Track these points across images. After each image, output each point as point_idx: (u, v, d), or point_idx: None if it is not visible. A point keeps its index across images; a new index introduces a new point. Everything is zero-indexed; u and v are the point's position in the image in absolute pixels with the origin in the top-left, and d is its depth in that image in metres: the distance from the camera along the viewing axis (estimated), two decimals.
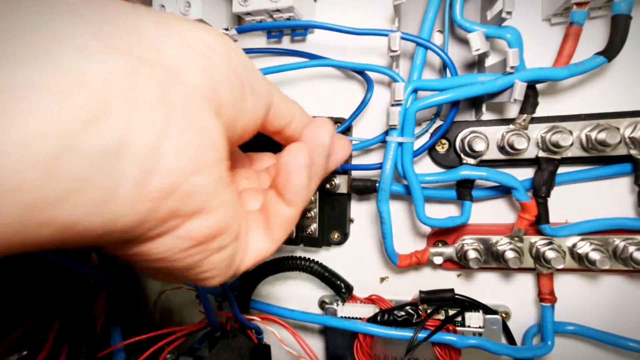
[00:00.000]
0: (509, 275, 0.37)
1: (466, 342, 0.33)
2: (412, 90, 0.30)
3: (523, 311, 0.36)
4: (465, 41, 0.30)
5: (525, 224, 0.32)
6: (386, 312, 0.36)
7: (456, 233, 0.35)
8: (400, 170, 0.32)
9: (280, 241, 0.24)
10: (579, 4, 0.29)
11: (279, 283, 0.43)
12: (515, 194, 0.31)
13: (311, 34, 0.39)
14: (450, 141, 0.35)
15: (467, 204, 0.33)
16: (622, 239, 0.32)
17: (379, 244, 0.39)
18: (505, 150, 0.32)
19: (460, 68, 0.34)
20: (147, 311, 0.47)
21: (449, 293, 0.35)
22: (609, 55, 0.28)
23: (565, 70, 0.29)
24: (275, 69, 0.36)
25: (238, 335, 0.38)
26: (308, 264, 0.37)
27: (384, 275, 0.40)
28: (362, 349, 0.37)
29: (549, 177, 0.31)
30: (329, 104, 0.39)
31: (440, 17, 0.33)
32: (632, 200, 0.33)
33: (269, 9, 0.33)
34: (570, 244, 0.33)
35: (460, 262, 0.34)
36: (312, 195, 0.35)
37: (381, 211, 0.33)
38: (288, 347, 0.37)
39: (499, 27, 0.29)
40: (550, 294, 0.34)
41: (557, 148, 0.30)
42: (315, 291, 0.42)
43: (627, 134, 0.30)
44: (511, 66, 0.28)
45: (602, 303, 0.35)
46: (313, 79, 0.39)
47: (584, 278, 0.35)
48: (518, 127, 0.31)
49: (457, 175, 0.32)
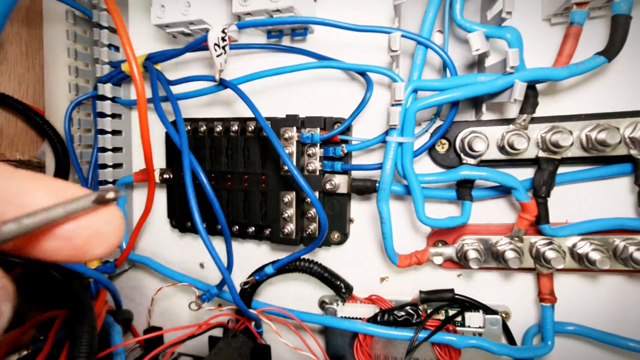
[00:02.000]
0: (509, 275, 0.37)
1: (466, 342, 0.33)
2: (412, 90, 0.30)
3: (523, 311, 0.36)
4: (465, 41, 0.30)
5: (525, 224, 0.32)
6: (386, 312, 0.36)
7: (456, 233, 0.35)
8: (400, 170, 0.32)
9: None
10: (579, 4, 0.29)
11: (279, 283, 0.43)
12: (515, 194, 0.31)
13: (311, 34, 0.39)
14: (450, 141, 0.35)
15: (467, 204, 0.33)
16: (622, 239, 0.32)
17: (379, 244, 0.39)
18: (505, 150, 0.32)
19: (460, 68, 0.34)
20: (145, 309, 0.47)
21: (449, 293, 0.35)
22: (609, 55, 0.28)
23: (565, 70, 0.29)
24: (275, 71, 0.36)
25: (238, 335, 0.38)
26: (308, 265, 0.37)
27: (384, 275, 0.40)
28: (362, 349, 0.37)
29: (549, 177, 0.31)
30: (329, 104, 0.39)
31: (440, 17, 0.33)
32: (632, 200, 0.33)
33: (269, 9, 0.33)
34: (570, 244, 0.33)
35: (460, 262, 0.34)
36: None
37: (381, 211, 0.33)
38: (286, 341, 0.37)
39: (499, 27, 0.29)
40: (550, 294, 0.34)
41: (557, 148, 0.30)
42: (315, 291, 0.42)
43: (627, 134, 0.30)
44: (511, 66, 0.28)
45: (602, 303, 0.35)
46: (313, 79, 0.39)
47: (584, 278, 0.35)
48: (518, 127, 0.31)
49: (457, 175, 0.32)
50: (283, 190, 0.38)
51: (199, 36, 0.39)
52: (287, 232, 0.38)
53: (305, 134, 0.36)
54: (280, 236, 0.38)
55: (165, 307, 0.48)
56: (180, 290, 0.47)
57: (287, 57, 0.39)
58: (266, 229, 0.39)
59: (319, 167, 0.36)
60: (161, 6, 0.36)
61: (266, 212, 0.39)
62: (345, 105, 0.38)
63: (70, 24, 0.43)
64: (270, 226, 0.39)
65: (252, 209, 0.39)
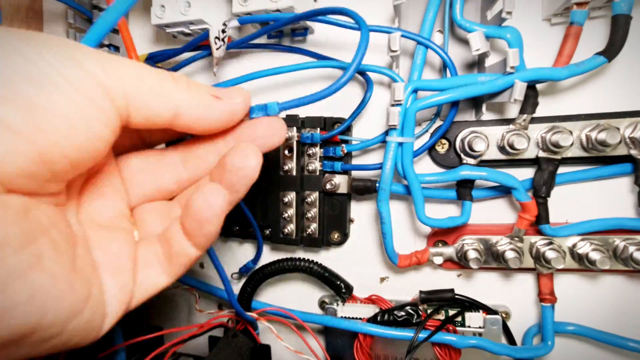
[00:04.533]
0: (509, 275, 0.37)
1: (466, 342, 0.33)
2: (412, 90, 0.30)
3: (523, 311, 0.36)
4: (465, 41, 0.30)
5: (525, 224, 0.32)
6: (386, 312, 0.36)
7: (456, 233, 0.35)
8: (400, 170, 0.32)
9: (178, 277, 0.22)
10: (579, 4, 0.29)
11: (279, 283, 0.43)
12: (515, 194, 0.31)
13: (311, 34, 0.39)
14: (450, 141, 0.35)
15: (467, 204, 0.33)
16: (622, 239, 0.32)
17: (379, 244, 0.39)
18: (506, 150, 0.32)
19: (460, 68, 0.34)
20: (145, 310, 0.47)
21: (449, 293, 0.35)
22: (609, 55, 0.28)
23: (565, 70, 0.29)
24: (274, 71, 0.36)
25: (238, 335, 0.38)
26: (307, 265, 0.37)
27: (384, 275, 0.40)
28: (362, 349, 0.37)
29: (549, 177, 0.31)
30: (329, 104, 0.39)
31: (440, 17, 0.33)
32: (632, 200, 0.33)
33: (269, 9, 0.33)
34: (570, 244, 0.33)
35: (460, 262, 0.34)
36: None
37: (381, 211, 0.33)
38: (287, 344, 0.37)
39: (499, 27, 0.29)
40: (551, 294, 0.34)
41: (557, 148, 0.30)
42: (315, 291, 0.42)
43: (627, 134, 0.30)
44: (511, 66, 0.28)
45: (602, 303, 0.35)
46: (313, 79, 0.39)
47: (584, 278, 0.35)
48: (518, 127, 0.31)
49: (457, 175, 0.32)
50: (283, 190, 0.38)
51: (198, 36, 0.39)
52: (287, 232, 0.38)
53: (305, 134, 0.36)
54: (280, 236, 0.38)
55: (165, 308, 0.48)
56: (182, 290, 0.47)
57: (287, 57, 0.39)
58: (266, 229, 0.39)
59: (319, 167, 0.36)
60: (161, 6, 0.36)
61: (266, 212, 0.39)
62: (345, 105, 0.38)
63: (70, 24, 0.43)
64: (270, 226, 0.39)
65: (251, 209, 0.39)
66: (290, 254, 0.41)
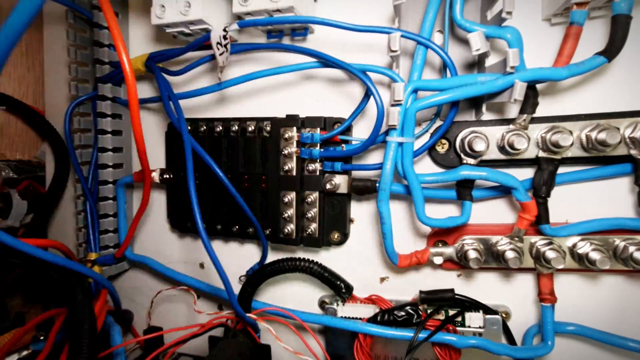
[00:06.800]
0: (509, 275, 0.37)
1: (466, 342, 0.33)
2: (412, 90, 0.30)
3: (523, 311, 0.36)
4: (465, 41, 0.30)
5: (525, 224, 0.32)
6: (386, 312, 0.36)
7: (456, 233, 0.35)
8: (400, 170, 0.32)
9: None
10: (579, 4, 0.29)
11: (279, 283, 0.43)
12: (515, 194, 0.31)
13: (311, 34, 0.39)
14: (450, 141, 0.35)
15: (467, 204, 0.33)
16: (622, 239, 0.32)
17: (379, 244, 0.39)
18: (505, 150, 0.32)
19: (460, 68, 0.34)
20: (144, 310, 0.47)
21: (449, 293, 0.35)
22: (609, 55, 0.28)
23: (565, 70, 0.29)
24: (275, 71, 0.36)
25: (238, 335, 0.38)
26: (307, 265, 0.37)
27: (384, 275, 0.40)
28: (362, 349, 0.37)
29: (549, 177, 0.31)
30: (329, 104, 0.39)
31: (440, 17, 0.33)
32: (632, 200, 0.33)
33: (269, 9, 0.33)
34: (570, 244, 0.33)
35: (460, 262, 0.34)
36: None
37: (381, 211, 0.33)
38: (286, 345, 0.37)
39: (499, 27, 0.29)
40: (551, 294, 0.34)
41: (557, 148, 0.30)
42: (315, 291, 0.42)
43: (627, 134, 0.30)
44: (511, 66, 0.28)
45: (602, 303, 0.35)
46: (313, 79, 0.39)
47: (584, 278, 0.35)
48: (518, 127, 0.31)
49: (457, 175, 0.32)
50: (283, 190, 0.38)
51: (199, 36, 0.39)
52: (287, 232, 0.38)
53: (305, 134, 0.36)
54: (280, 236, 0.38)
55: (165, 308, 0.48)
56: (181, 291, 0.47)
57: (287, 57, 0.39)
58: (266, 229, 0.39)
59: (319, 167, 0.36)
60: (161, 6, 0.36)
61: (266, 212, 0.39)
62: (345, 105, 0.38)
63: (70, 24, 0.43)
64: (270, 226, 0.39)
65: (252, 209, 0.39)
66: (290, 254, 0.41)
